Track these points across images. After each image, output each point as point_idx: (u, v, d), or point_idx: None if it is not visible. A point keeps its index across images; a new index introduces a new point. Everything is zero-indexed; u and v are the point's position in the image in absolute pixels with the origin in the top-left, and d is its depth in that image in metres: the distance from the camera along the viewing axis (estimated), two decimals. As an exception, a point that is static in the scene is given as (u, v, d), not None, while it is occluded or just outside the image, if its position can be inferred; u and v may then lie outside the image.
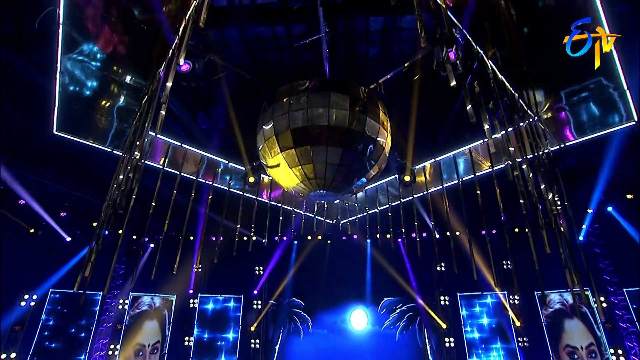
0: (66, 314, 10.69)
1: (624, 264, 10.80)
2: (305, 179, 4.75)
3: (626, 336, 10.27)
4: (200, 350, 11.39)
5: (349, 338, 11.51)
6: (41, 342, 10.11)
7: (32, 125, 7.28)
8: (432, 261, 11.95)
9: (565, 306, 10.88)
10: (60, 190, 10.04)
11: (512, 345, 10.90)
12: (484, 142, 6.25)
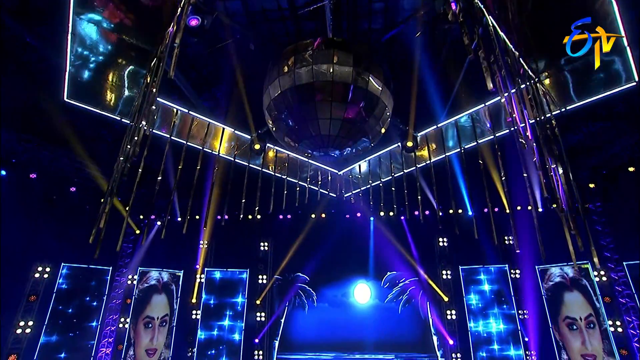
0: (78, 285, 11.06)
1: (625, 240, 10.95)
2: (310, 136, 4.93)
3: (625, 311, 10.49)
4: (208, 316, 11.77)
5: (353, 311, 11.86)
6: (55, 311, 10.50)
7: (43, 95, 7.50)
8: (434, 236, 12.22)
9: (566, 279, 11.11)
10: (70, 166, 10.32)
11: (512, 316, 11.18)
12: (485, 106, 6.39)
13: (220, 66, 7.78)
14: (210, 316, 11.80)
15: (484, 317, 11.31)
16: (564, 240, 12.38)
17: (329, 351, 11.40)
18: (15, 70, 8.01)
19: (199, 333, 11.67)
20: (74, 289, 11.00)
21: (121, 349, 11.26)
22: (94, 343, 10.96)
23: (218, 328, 11.78)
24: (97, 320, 11.19)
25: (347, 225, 12.56)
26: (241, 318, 11.68)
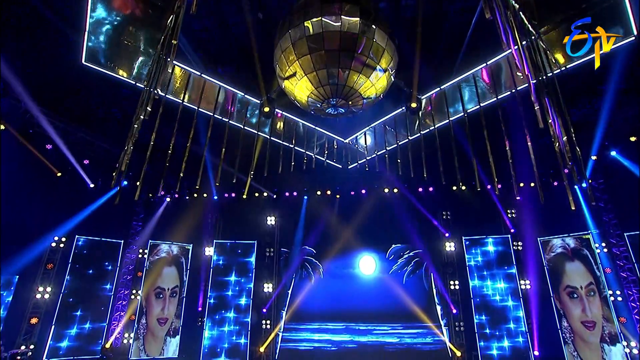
0: (92, 256, 11.57)
1: (626, 214, 11.23)
2: (320, 85, 5.27)
3: (626, 285, 10.79)
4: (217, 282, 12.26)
5: (358, 282, 12.28)
6: (71, 278, 11.01)
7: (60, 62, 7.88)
8: (438, 209, 12.56)
9: (567, 250, 11.43)
10: (85, 138, 10.75)
11: (515, 285, 11.53)
12: (487, 65, 6.67)
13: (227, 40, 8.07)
14: (219, 281, 12.28)
15: (487, 287, 11.67)
16: (565, 214, 12.70)
17: (335, 321, 11.85)
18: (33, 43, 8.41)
19: (208, 303, 12.14)
20: (88, 260, 11.51)
21: (133, 319, 11.75)
22: (108, 310, 11.47)
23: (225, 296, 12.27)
24: (110, 291, 11.69)
25: (352, 201, 12.94)
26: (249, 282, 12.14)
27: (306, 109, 6.13)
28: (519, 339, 11.06)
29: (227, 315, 12.05)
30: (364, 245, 12.47)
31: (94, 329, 11.18)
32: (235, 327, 11.92)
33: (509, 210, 12.41)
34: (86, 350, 10.89)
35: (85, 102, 10.59)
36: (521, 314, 11.30)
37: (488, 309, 11.49)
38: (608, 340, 10.28)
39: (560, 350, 10.76)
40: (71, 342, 10.74)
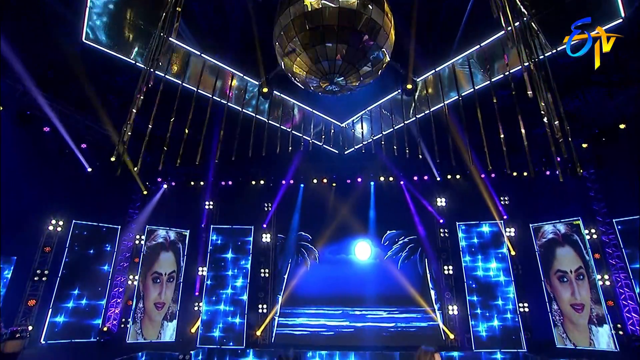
0: (89, 241, 11.69)
1: (615, 202, 11.61)
2: (318, 61, 5.47)
3: (614, 271, 11.18)
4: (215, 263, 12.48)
5: (354, 268, 12.55)
6: (68, 262, 11.14)
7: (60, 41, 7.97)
8: (433, 196, 12.85)
9: (558, 235, 11.78)
10: (82, 122, 10.82)
11: (507, 270, 11.86)
12: (480, 47, 6.91)
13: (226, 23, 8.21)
14: (216, 265, 12.47)
15: (480, 272, 11.99)
16: (557, 201, 13.03)
17: (331, 305, 12.10)
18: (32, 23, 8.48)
19: (205, 287, 12.32)
20: (85, 245, 11.63)
21: (130, 304, 11.90)
22: (105, 293, 11.61)
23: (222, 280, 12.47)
24: (108, 276, 11.82)
25: (348, 189, 13.19)
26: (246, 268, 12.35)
27: (305, 86, 6.32)
28: (510, 322, 11.39)
29: (224, 300, 12.24)
30: (360, 232, 12.74)
31: (92, 312, 11.32)
32: (232, 311, 12.12)
33: (502, 198, 12.74)
34: (84, 333, 11.03)
35: (83, 88, 10.67)
36: (513, 298, 11.63)
37: (481, 293, 11.81)
38: (595, 322, 10.66)
39: (550, 332, 11.13)
40: (69, 324, 10.87)
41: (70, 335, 10.82)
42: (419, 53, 7.31)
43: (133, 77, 10.08)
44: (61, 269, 11.03)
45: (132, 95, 11.36)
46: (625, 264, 10.79)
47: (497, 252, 12.18)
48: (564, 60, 9.24)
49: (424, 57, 7.45)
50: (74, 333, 10.89)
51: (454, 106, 8.59)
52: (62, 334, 10.74)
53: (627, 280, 10.83)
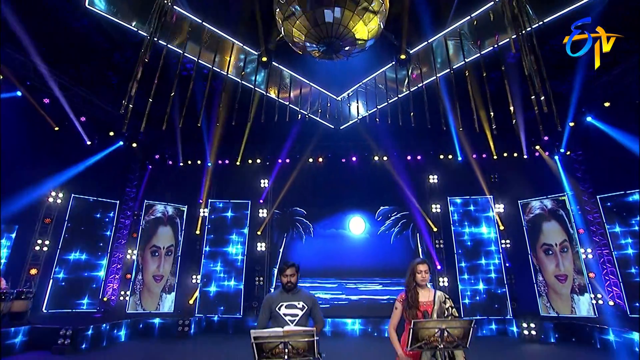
0: (88, 214, 12.01)
1: (600, 180, 12.21)
2: (316, 24, 5.85)
3: (597, 248, 11.81)
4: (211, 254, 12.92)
5: (348, 242, 13.05)
6: (68, 233, 11.47)
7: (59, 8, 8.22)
8: (426, 174, 13.38)
9: (545, 211, 12.37)
10: (82, 96, 11.04)
11: (495, 243, 12.47)
12: (471, 18, 7.31)
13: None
14: (214, 239, 12.90)
15: (469, 245, 12.58)
16: (545, 179, 13.62)
17: (326, 278, 12.61)
18: None
19: (203, 260, 12.77)
20: (84, 218, 11.94)
21: (129, 277, 12.30)
22: (104, 267, 11.99)
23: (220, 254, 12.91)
24: (107, 249, 12.19)
25: (343, 167, 13.66)
26: (243, 242, 12.81)
27: (304, 52, 6.69)
28: (497, 293, 12.03)
29: (222, 272, 12.71)
30: (354, 207, 13.24)
31: (92, 283, 11.70)
32: (229, 283, 12.59)
33: (492, 176, 13.30)
34: (85, 302, 11.43)
35: (82, 62, 10.89)
36: (501, 270, 12.25)
37: (470, 266, 12.42)
38: (577, 291, 11.33)
39: (535, 302, 11.78)
40: (70, 293, 11.26)
41: (71, 305, 11.21)
42: (413, 24, 7.70)
43: (132, 54, 10.40)
44: (61, 240, 11.36)
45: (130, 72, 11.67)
46: (608, 241, 11.43)
47: (486, 227, 12.77)
48: (553, 42, 9.77)
49: (417, 29, 7.84)
50: (75, 302, 11.29)
51: (447, 84, 9.03)
52: (63, 303, 11.13)
53: (609, 256, 11.47)
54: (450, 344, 2.56)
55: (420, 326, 2.52)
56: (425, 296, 3.18)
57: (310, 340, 2.54)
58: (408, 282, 3.25)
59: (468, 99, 8.20)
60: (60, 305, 11.08)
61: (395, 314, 3.22)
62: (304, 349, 2.56)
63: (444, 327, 2.50)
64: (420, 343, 2.54)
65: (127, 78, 11.14)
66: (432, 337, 2.52)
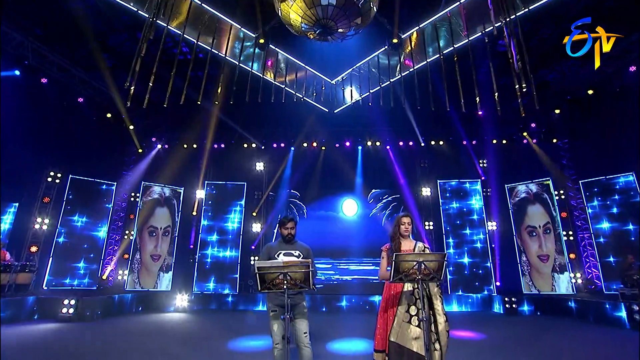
0: (85, 196, 12.27)
1: (584, 165, 12.80)
2: (312, 6, 6.19)
3: (579, 231, 12.45)
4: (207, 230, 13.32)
5: (341, 223, 13.54)
6: (67, 212, 11.75)
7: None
8: (417, 159, 13.87)
9: (530, 194, 12.96)
10: (79, 76, 11.20)
11: (482, 225, 13.06)
12: (460, 4, 7.69)
13: None
14: (210, 219, 13.30)
15: (457, 226, 13.16)
16: (530, 164, 14.16)
17: (319, 258, 13.09)
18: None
19: (199, 240, 13.18)
20: (82, 199, 12.20)
21: (127, 257, 12.65)
22: (102, 246, 12.32)
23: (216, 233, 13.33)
24: (105, 229, 12.50)
25: (337, 152, 14.07)
26: (239, 222, 13.24)
27: (300, 34, 7.02)
28: (483, 271, 12.66)
29: (218, 251, 13.13)
30: (347, 190, 13.70)
31: (91, 261, 12.03)
32: (225, 263, 13.03)
33: (481, 161, 13.84)
34: (84, 280, 11.79)
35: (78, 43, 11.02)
36: (487, 250, 12.86)
37: (458, 246, 13.01)
38: (558, 270, 11.99)
39: (518, 281, 12.43)
40: (69, 271, 11.59)
41: (71, 282, 11.55)
42: (406, 9, 8.05)
43: (127, 37, 10.59)
44: (60, 219, 11.64)
45: (125, 55, 11.84)
46: (589, 224, 12.06)
47: (474, 209, 13.34)
48: (543, 31, 10.18)
49: (409, 14, 8.20)
50: (74, 280, 11.63)
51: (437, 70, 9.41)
52: (62, 281, 11.45)
53: (590, 240, 12.12)
54: (426, 276, 3.00)
55: (401, 259, 2.96)
56: (407, 245, 3.61)
57: (306, 272, 2.98)
58: (393, 232, 3.67)
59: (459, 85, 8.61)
60: (60, 283, 11.41)
61: (382, 263, 3.64)
62: (300, 280, 2.99)
63: (421, 260, 2.94)
64: (401, 275, 2.98)
65: (122, 61, 11.39)
66: (411, 269, 2.96)
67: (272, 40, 8.88)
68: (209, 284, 12.79)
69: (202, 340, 6.59)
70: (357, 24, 6.76)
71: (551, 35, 10.37)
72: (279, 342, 3.44)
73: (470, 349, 5.66)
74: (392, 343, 3.14)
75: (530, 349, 5.50)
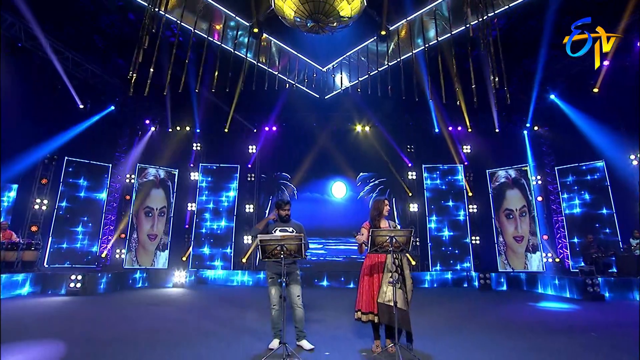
0: (82, 177, 12.70)
1: (561, 154, 13.68)
2: (305, 1, 6.66)
3: (554, 215, 13.43)
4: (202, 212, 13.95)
5: (330, 204, 14.31)
6: (64, 193, 12.20)
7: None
8: (404, 143, 14.57)
9: (509, 179, 13.86)
10: (73, 58, 11.39)
11: (464, 208, 13.97)
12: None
13: None
14: (205, 200, 13.93)
15: (440, 209, 14.05)
16: (511, 151, 15.01)
17: (309, 237, 13.82)
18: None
19: (194, 220, 13.82)
20: (79, 180, 12.64)
21: (124, 237, 13.23)
22: (100, 226, 12.86)
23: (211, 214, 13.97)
24: (102, 210, 13.00)
25: (327, 136, 14.65)
26: (233, 203, 13.90)
27: (293, 26, 7.48)
28: (462, 251, 13.65)
29: (213, 231, 13.82)
30: (336, 173, 14.41)
31: (89, 240, 12.60)
32: (220, 241, 13.74)
33: (465, 147, 14.62)
34: (83, 258, 12.39)
35: (70, 24, 11.16)
36: (467, 231, 13.82)
37: (440, 227, 13.94)
38: (531, 250, 13.05)
39: (494, 260, 13.48)
40: (69, 250, 12.16)
41: (70, 261, 12.14)
42: (393, 2, 8.52)
43: (118, 18, 10.78)
44: (57, 199, 12.08)
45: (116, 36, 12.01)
46: (562, 208, 13.06)
47: (456, 193, 14.22)
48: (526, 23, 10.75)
49: (397, 7, 8.67)
50: (73, 259, 12.21)
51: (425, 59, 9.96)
52: (62, 259, 12.03)
53: (562, 222, 13.14)
54: (397, 249, 3.72)
55: (377, 234, 3.66)
56: (384, 224, 4.32)
57: (299, 244, 3.67)
58: (374, 214, 4.35)
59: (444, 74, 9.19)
60: (60, 261, 11.99)
61: (362, 237, 4.34)
62: (294, 251, 3.69)
63: (393, 235, 3.65)
64: (376, 247, 3.69)
65: (113, 42, 11.59)
66: (384, 242, 3.67)
67: (266, 28, 9.28)
68: (205, 262, 13.52)
69: (204, 309, 7.34)
70: (348, 18, 7.26)
71: (532, 28, 10.98)
72: (276, 304, 4.17)
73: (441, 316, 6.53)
74: (380, 305, 3.85)
75: (479, 318, 6.40)
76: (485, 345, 4.41)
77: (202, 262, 13.47)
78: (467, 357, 3.91)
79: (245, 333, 5.04)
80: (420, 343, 4.25)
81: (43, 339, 4.46)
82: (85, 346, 4.17)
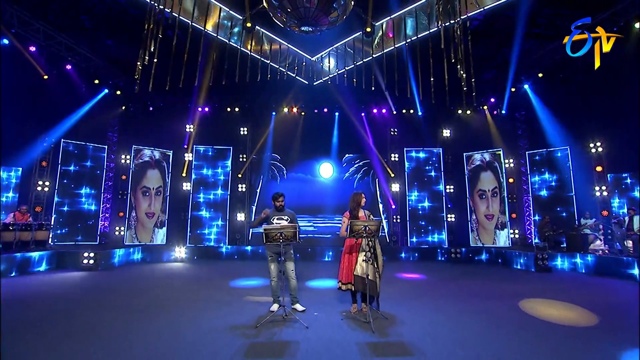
0: (79, 158, 13.36)
1: (534, 139, 14.91)
2: (295, 7, 7.39)
3: (525, 195, 14.82)
4: (197, 187, 14.89)
5: (318, 184, 15.44)
6: (63, 175, 12.91)
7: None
8: (387, 127, 15.59)
9: (483, 162, 15.14)
10: (66, 43, 11.73)
11: (440, 188, 15.29)
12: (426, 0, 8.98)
13: None
14: (200, 180, 14.89)
15: (420, 189, 15.33)
16: (487, 135, 16.20)
17: (298, 214, 15.01)
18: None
19: (190, 199, 14.78)
20: (76, 161, 13.30)
21: (122, 215, 14.11)
22: (99, 205, 13.70)
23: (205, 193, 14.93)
24: (100, 190, 13.78)
25: (315, 118, 15.54)
26: (226, 187, 14.88)
27: (284, 26, 8.21)
28: (438, 228, 15.10)
29: (208, 209, 14.83)
30: (323, 154, 15.46)
31: (90, 218, 13.47)
32: (215, 219, 14.79)
33: (444, 131, 15.73)
34: (85, 236, 13.31)
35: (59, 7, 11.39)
36: (443, 209, 15.21)
37: (419, 206, 15.29)
38: (500, 227, 14.57)
39: (467, 236, 14.99)
40: (71, 229, 13.04)
41: (73, 240, 13.04)
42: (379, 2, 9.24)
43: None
44: (57, 181, 12.79)
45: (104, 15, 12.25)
46: (529, 189, 14.47)
47: (435, 174, 15.48)
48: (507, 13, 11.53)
49: (382, 5, 9.41)
50: (76, 237, 13.12)
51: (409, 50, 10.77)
52: (65, 239, 12.93)
53: (529, 202, 14.60)
54: (370, 234, 4.85)
55: (354, 224, 4.78)
56: (361, 213, 5.42)
57: (294, 231, 4.76)
58: (353, 206, 5.43)
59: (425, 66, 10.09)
60: (64, 240, 12.87)
61: (343, 225, 5.45)
62: (290, 236, 4.78)
63: (366, 224, 4.77)
64: (354, 233, 4.81)
65: (101, 22, 11.87)
66: (360, 230, 4.79)
67: (258, 20, 9.90)
68: (202, 238, 14.62)
69: (208, 280, 8.48)
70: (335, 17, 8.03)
71: (513, 17, 11.79)
72: (275, 277, 5.31)
73: (409, 285, 7.85)
74: (356, 276, 5.01)
75: (443, 287, 7.76)
76: (440, 307, 5.69)
77: (199, 238, 14.57)
78: (422, 316, 5.17)
79: (249, 300, 6.22)
80: (387, 305, 5.50)
81: (89, 309, 5.53)
82: (126, 313, 5.27)
